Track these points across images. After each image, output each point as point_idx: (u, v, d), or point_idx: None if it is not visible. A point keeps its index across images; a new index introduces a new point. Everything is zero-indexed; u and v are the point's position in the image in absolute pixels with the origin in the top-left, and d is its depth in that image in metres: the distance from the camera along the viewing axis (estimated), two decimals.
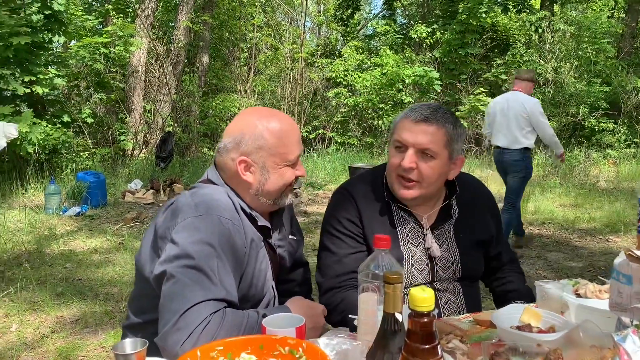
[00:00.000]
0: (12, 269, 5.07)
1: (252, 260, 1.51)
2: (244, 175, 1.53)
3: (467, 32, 13.65)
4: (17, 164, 8.59)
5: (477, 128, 12.69)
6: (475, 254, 1.86)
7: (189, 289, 1.29)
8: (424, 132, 1.66)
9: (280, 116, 1.60)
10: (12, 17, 8.61)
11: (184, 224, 1.40)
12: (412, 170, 1.68)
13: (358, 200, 1.80)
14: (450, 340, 1.26)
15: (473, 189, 1.94)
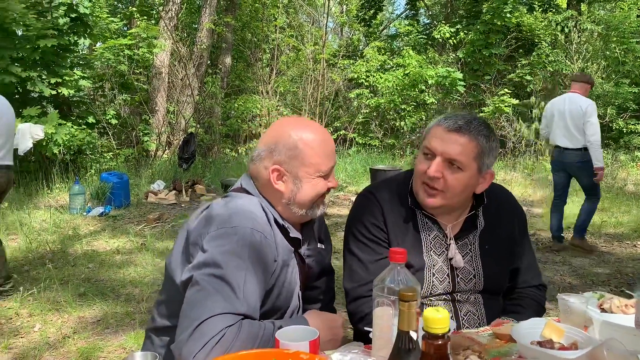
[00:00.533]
0: (37, 268, 5.15)
1: (282, 272, 1.51)
2: (276, 184, 1.52)
3: (492, 33, 13.48)
4: (43, 165, 8.75)
5: (500, 129, 12.52)
6: (499, 267, 1.80)
7: (211, 298, 1.29)
8: (454, 142, 1.62)
9: (315, 127, 1.58)
10: (40, 20, 8.78)
11: (216, 234, 1.39)
12: (438, 180, 1.64)
13: (383, 205, 1.77)
14: (468, 355, 1.22)
15: (502, 201, 1.88)
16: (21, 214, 6.85)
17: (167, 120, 11.69)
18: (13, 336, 3.76)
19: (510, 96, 12.31)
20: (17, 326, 3.94)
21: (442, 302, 1.72)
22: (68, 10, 9.06)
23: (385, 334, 1.09)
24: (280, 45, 14.45)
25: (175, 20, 12.04)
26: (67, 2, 9.11)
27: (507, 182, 10.25)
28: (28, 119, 8.15)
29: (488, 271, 1.76)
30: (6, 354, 3.51)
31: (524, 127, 12.22)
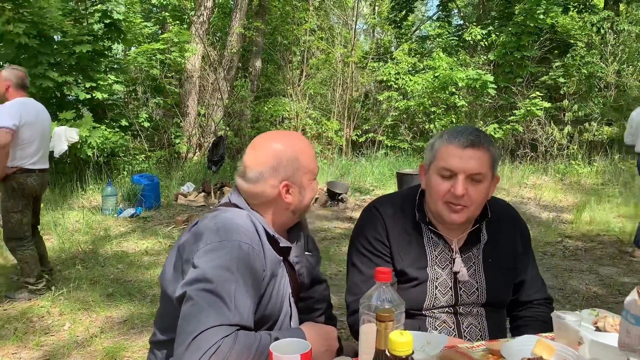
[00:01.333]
0: (69, 268, 5.34)
1: (272, 282, 1.56)
2: (286, 198, 1.61)
3: (524, 34, 13.27)
4: (77, 166, 9.03)
5: (532, 133, 12.33)
6: (502, 280, 1.83)
7: (204, 312, 1.35)
8: (472, 158, 1.66)
9: (295, 135, 1.73)
10: (76, 26, 9.07)
11: (206, 249, 1.46)
12: (463, 197, 1.68)
13: (386, 220, 1.81)
14: None
15: (504, 214, 1.91)
16: (56, 215, 7.10)
17: (198, 123, 11.91)
18: (44, 334, 3.93)
19: (542, 99, 12.11)
20: (48, 324, 4.11)
21: (444, 314, 1.76)
22: (102, 16, 9.34)
23: (371, 349, 1.13)
24: (311, 47, 14.54)
25: (206, 24, 12.26)
26: (101, 9, 9.39)
27: (537, 187, 10.11)
28: (64, 122, 8.43)
29: (491, 284, 1.79)
30: (37, 352, 3.66)
31: (556, 131, 12.00)
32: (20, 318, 4.16)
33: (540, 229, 7.17)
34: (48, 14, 8.76)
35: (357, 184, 10.09)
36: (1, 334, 3.89)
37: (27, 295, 4.47)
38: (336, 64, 14.00)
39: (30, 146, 4.36)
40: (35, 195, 4.58)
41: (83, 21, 9.26)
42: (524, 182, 10.45)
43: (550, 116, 12.46)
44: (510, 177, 10.70)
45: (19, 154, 4.29)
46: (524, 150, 12.49)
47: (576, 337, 1.39)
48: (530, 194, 9.68)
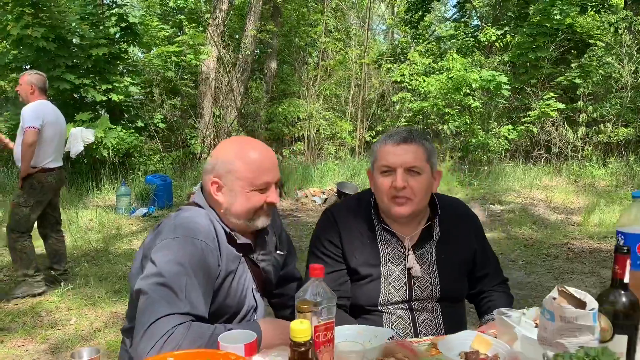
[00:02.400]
0: (80, 265, 5.53)
1: (228, 276, 1.66)
2: (215, 196, 1.69)
3: (539, 35, 13.17)
4: (93, 166, 9.26)
5: (546, 134, 12.25)
6: (456, 275, 1.91)
7: (157, 304, 1.45)
8: (406, 152, 1.80)
9: (255, 144, 1.74)
10: (93, 30, 9.31)
11: (162, 245, 1.57)
12: (405, 189, 1.79)
13: (339, 222, 1.92)
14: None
15: (455, 211, 2.01)
16: (71, 214, 7.31)
17: (213, 124, 12.10)
18: (51, 328, 4.10)
19: (556, 100, 12.02)
20: (55, 319, 4.28)
21: (400, 310, 1.84)
22: (119, 20, 9.57)
23: None
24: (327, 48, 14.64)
25: (221, 27, 12.44)
26: (118, 13, 9.62)
27: (549, 188, 10.07)
28: (80, 123, 8.67)
29: (444, 280, 1.88)
30: (43, 344, 3.83)
31: (571, 132, 11.90)
32: (30, 312, 4.34)
33: (547, 231, 7.16)
34: (66, 17, 9.01)
35: (367, 184, 10.13)
36: (10, 327, 4.07)
37: (26, 289, 4.61)
38: (351, 65, 14.08)
39: (50, 145, 4.62)
40: (54, 191, 4.79)
41: (100, 25, 9.50)
42: (536, 184, 10.41)
43: (565, 117, 12.36)
44: (522, 178, 10.66)
45: (41, 153, 4.53)
46: (538, 151, 12.41)
47: (515, 334, 1.47)
48: (541, 195, 9.64)
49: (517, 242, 6.71)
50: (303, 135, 12.84)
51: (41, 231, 4.93)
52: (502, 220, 7.78)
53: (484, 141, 12.15)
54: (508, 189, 10.08)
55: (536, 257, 6.07)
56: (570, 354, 1.11)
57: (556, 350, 1.17)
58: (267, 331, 1.52)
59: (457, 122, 12.93)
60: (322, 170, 10.60)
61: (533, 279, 5.33)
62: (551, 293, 1.23)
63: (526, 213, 8.14)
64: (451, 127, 12.93)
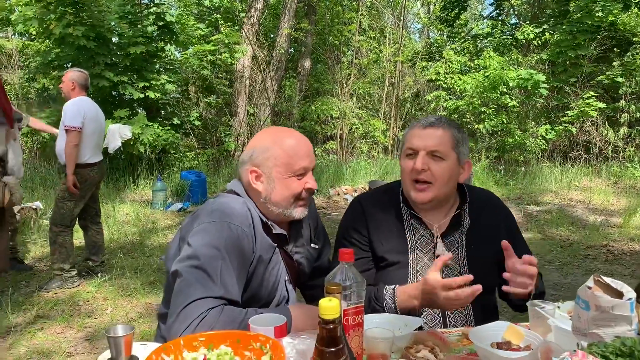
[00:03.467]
0: (116, 257, 5.65)
1: (261, 264, 1.67)
2: (254, 185, 1.71)
3: (579, 32, 12.84)
4: (130, 162, 9.46)
5: (586, 134, 11.94)
6: (485, 265, 1.86)
7: (192, 287, 1.48)
8: (431, 136, 1.80)
9: (290, 132, 1.75)
10: (131, 28, 9.51)
11: (199, 229, 1.60)
12: (425, 172, 1.78)
13: (367, 210, 1.91)
14: (419, 350, 1.33)
15: (487, 202, 1.98)
16: (108, 208, 7.49)
17: (247, 122, 12.21)
18: (88, 317, 4.21)
19: (596, 99, 11.69)
20: (92, 308, 4.40)
21: None
22: (156, 18, 9.75)
23: None
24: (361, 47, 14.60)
25: (256, 25, 12.54)
26: (156, 12, 9.80)
27: (588, 190, 9.81)
28: (118, 120, 8.87)
29: (474, 269, 1.83)
30: (80, 332, 3.94)
31: (611, 132, 11.57)
32: (68, 301, 4.46)
33: (585, 232, 6.98)
34: (106, 17, 9.23)
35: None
36: (50, 315, 4.20)
37: (60, 283, 4.73)
38: (385, 63, 14.01)
39: (91, 140, 4.77)
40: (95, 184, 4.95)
41: (138, 23, 9.69)
42: (574, 185, 10.15)
43: (606, 117, 12.02)
44: (560, 179, 10.42)
45: (82, 149, 4.67)
46: (577, 152, 12.11)
47: (549, 326, 1.44)
48: (580, 196, 9.40)
49: (554, 243, 6.56)
50: (335, 134, 12.84)
51: (81, 223, 5.06)
52: (538, 221, 7.62)
53: (520, 141, 11.92)
54: (545, 190, 9.87)
55: (573, 259, 5.92)
56: (605, 343, 1.08)
57: (590, 340, 1.14)
58: (297, 316, 1.53)
59: (494, 121, 12.72)
60: (355, 169, 10.58)
61: (570, 280, 5.20)
62: (586, 282, 1.20)
63: (563, 214, 7.95)
64: (487, 127, 12.73)
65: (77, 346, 3.73)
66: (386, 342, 1.27)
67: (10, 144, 4.34)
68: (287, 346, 1.23)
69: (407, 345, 1.41)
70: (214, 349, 1.25)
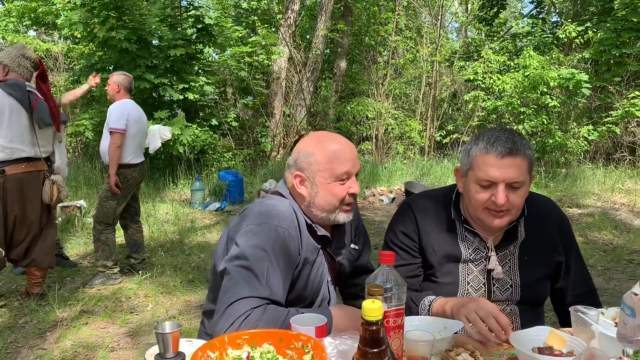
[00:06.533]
0: (155, 255, 5.79)
1: (307, 266, 1.70)
2: (298, 189, 1.73)
3: (624, 30, 12.46)
4: (170, 162, 9.66)
5: (630, 135, 11.58)
6: (537, 278, 1.83)
7: (239, 285, 1.52)
8: (511, 166, 1.66)
9: (334, 137, 1.76)
10: (171, 31, 9.71)
11: (247, 230, 1.64)
12: (505, 204, 1.69)
13: (417, 215, 1.88)
14: (459, 352, 1.33)
15: (543, 211, 1.90)
16: (149, 206, 7.66)
17: (282, 122, 12.31)
18: (129, 313, 4.32)
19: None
20: (134, 304, 4.51)
21: None
22: (195, 21, 9.93)
23: None
24: (398, 47, 14.54)
25: (293, 27, 12.63)
26: (194, 14, 9.98)
27: (633, 192, 9.51)
28: (158, 121, 9.07)
29: (526, 282, 1.81)
30: (123, 328, 4.05)
31: None
32: (111, 297, 4.59)
33: (629, 236, 6.78)
34: (147, 20, 9.45)
35: (436, 184, 10.00)
36: (94, 311, 4.33)
37: (103, 280, 4.87)
38: (422, 63, 13.91)
39: (134, 141, 4.90)
40: (137, 184, 5.09)
41: (177, 26, 9.89)
42: (618, 187, 9.86)
43: None
44: (602, 181, 10.14)
45: (125, 150, 4.81)
46: (621, 153, 11.76)
47: (592, 332, 1.41)
48: (623, 199, 9.13)
49: (596, 247, 6.39)
50: (371, 134, 12.81)
51: (122, 222, 5.20)
52: (580, 224, 7.43)
53: (561, 142, 11.65)
54: (587, 192, 9.62)
55: (617, 263, 5.76)
56: None
57: (636, 348, 1.12)
58: (338, 317, 1.55)
59: (534, 121, 12.46)
60: (390, 170, 10.54)
61: (613, 286, 5.06)
62: (632, 289, 1.18)
63: (606, 217, 7.74)
64: (527, 127, 12.48)
65: (120, 341, 3.84)
66: (426, 345, 1.28)
67: (56, 145, 4.50)
68: (329, 346, 1.25)
69: (447, 348, 1.41)
70: (256, 347, 1.28)
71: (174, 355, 1.25)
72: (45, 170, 4.35)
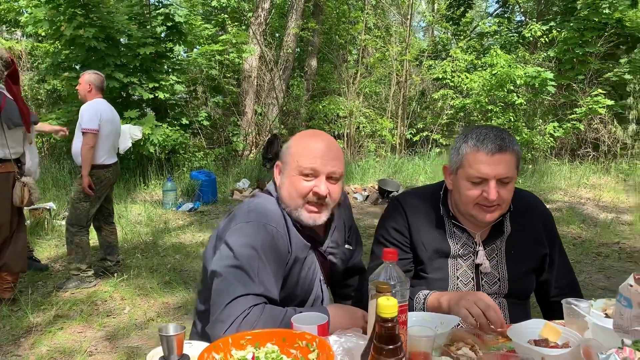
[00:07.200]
0: (130, 257, 5.69)
1: (297, 264, 1.70)
2: (276, 178, 1.78)
3: (587, 30, 12.81)
4: (140, 163, 9.50)
5: (594, 132, 11.92)
6: (524, 271, 1.87)
7: (232, 285, 1.51)
8: (501, 163, 1.70)
9: (318, 134, 1.77)
10: (140, 29, 9.55)
11: (236, 228, 1.63)
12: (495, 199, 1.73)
13: (408, 211, 1.90)
14: (460, 347, 1.36)
15: (528, 205, 1.95)
16: (120, 208, 7.53)
17: (254, 121, 12.25)
18: (106, 316, 4.25)
19: (605, 97, 11.68)
20: (110, 308, 4.43)
21: None
22: (165, 19, 9.78)
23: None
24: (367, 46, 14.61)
25: (263, 25, 12.57)
26: (164, 12, 9.83)
27: (597, 187, 9.80)
28: (128, 120, 8.90)
29: (513, 275, 1.85)
30: (100, 332, 3.98)
31: (620, 129, 11.55)
32: (86, 301, 4.50)
33: (596, 230, 6.99)
34: (115, 18, 9.27)
35: (409, 182, 10.11)
36: (69, 315, 4.24)
37: (77, 283, 4.77)
38: (391, 62, 14.02)
39: (107, 142, 4.82)
40: (110, 185, 5.00)
41: (147, 24, 9.73)
42: (583, 182, 10.15)
43: (614, 114, 12.00)
44: (569, 177, 10.41)
45: (98, 150, 4.71)
46: (585, 149, 12.10)
47: (584, 323, 1.46)
48: (589, 194, 9.40)
49: (565, 240, 6.56)
50: (343, 133, 12.86)
51: (95, 224, 5.10)
52: None
53: (528, 139, 11.91)
54: (554, 188, 9.87)
55: (585, 257, 5.93)
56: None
57: (634, 338, 1.16)
58: (336, 315, 1.56)
59: (501, 119, 12.71)
60: (364, 168, 10.61)
61: (583, 279, 5.21)
62: (627, 280, 1.22)
63: (574, 212, 7.95)
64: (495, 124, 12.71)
65: (98, 345, 3.77)
66: (428, 340, 1.29)
67: (26, 146, 4.38)
68: (334, 344, 1.25)
69: (445, 343, 1.43)
70: (260, 347, 1.28)
71: (179, 357, 1.24)
72: (16, 172, 4.23)
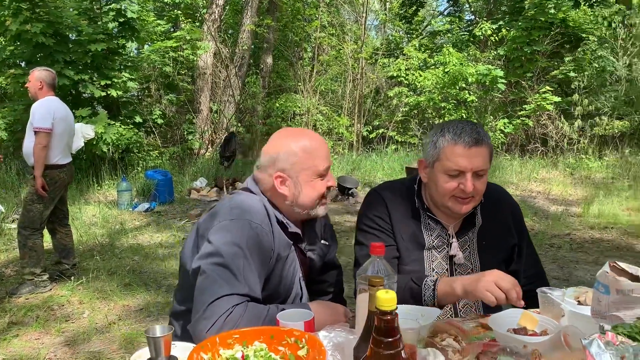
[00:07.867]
0: (86, 260, 5.53)
1: (280, 262, 1.70)
2: (280, 189, 1.72)
3: (534, 29, 13.26)
4: (93, 162, 9.22)
5: (542, 127, 12.35)
6: (495, 260, 1.92)
7: (217, 284, 1.49)
8: (478, 156, 1.76)
9: (310, 134, 1.78)
10: (91, 25, 9.26)
11: (219, 226, 1.61)
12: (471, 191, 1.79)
13: (387, 202, 1.94)
14: (444, 338, 1.38)
15: (497, 198, 2.02)
16: (73, 209, 7.26)
17: (210, 119, 12.09)
18: (65, 321, 4.11)
19: (552, 93, 12.11)
20: (68, 312, 4.29)
21: None
22: (117, 15, 9.52)
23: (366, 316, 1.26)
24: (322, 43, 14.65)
25: (218, 22, 12.41)
26: (115, 8, 9.57)
27: (546, 181, 10.16)
28: (79, 119, 8.62)
29: (485, 266, 1.90)
30: (58, 337, 3.84)
31: (566, 125, 12.01)
32: (42, 306, 4.34)
33: (548, 222, 7.24)
34: (64, 13, 8.95)
35: (367, 178, 10.21)
36: (24, 321, 4.08)
37: (32, 288, 4.59)
38: (347, 60, 14.11)
39: (61, 141, 4.64)
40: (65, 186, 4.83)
41: (98, 20, 9.45)
42: (533, 177, 10.50)
43: (561, 110, 12.47)
44: (520, 171, 10.75)
45: (52, 150, 4.52)
46: (534, 144, 12.51)
47: (559, 311, 1.51)
48: (539, 188, 9.74)
49: None
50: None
51: (49, 226, 4.92)
52: None
53: None
54: (506, 182, 10.16)
55: (539, 248, 6.12)
56: (630, 324, 1.15)
57: (611, 323, 1.21)
58: (318, 312, 1.56)
59: (454, 116, 12.99)
60: None
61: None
62: (603, 268, 1.27)
63: (526, 205, 8.22)
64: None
65: (57, 352, 3.64)
66: (413, 333, 1.31)
67: None
68: (324, 339, 1.25)
69: (428, 335, 1.45)
70: (248, 346, 1.27)
71: (167, 359, 1.21)
72: None
